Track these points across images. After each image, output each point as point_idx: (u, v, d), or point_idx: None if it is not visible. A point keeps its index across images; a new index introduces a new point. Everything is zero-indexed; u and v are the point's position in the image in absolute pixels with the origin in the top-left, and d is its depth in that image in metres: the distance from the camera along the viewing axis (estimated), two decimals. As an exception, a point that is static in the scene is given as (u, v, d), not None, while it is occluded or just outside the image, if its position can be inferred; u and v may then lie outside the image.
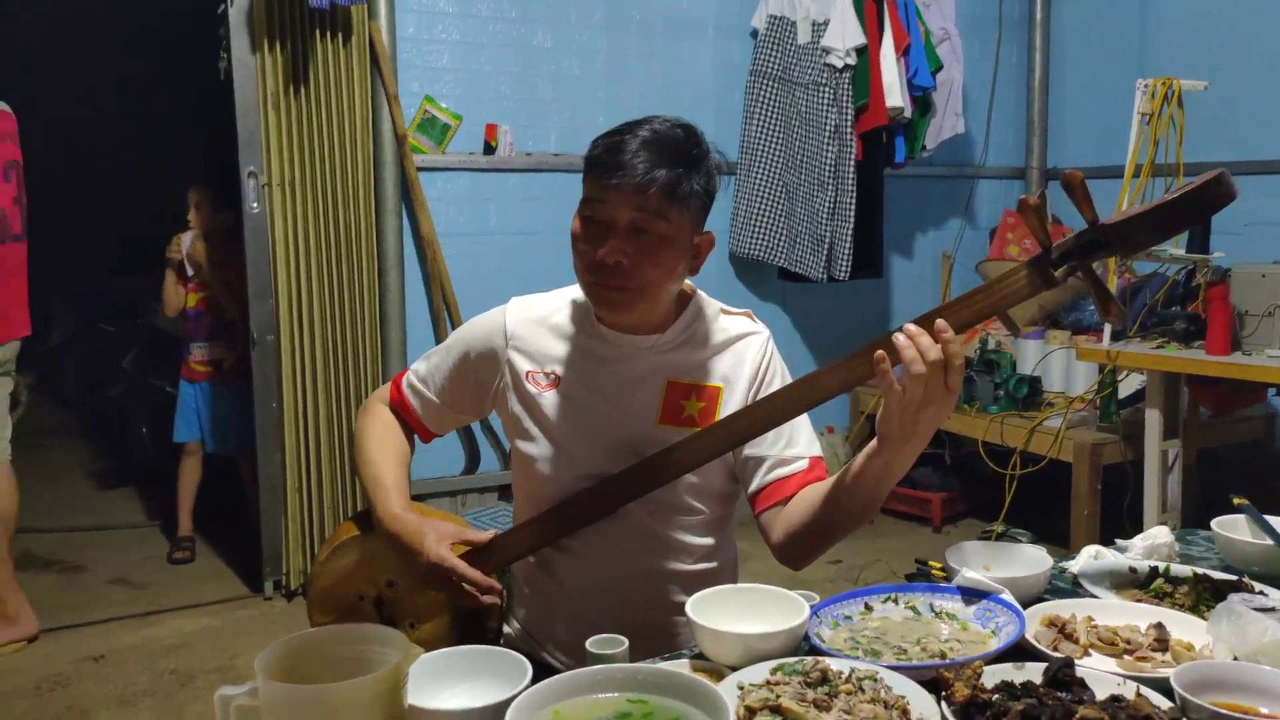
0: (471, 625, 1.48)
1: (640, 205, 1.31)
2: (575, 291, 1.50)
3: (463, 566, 1.37)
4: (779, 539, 1.39)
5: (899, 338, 1.13)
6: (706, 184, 1.36)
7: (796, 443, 1.43)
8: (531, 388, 1.47)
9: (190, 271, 3.83)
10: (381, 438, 1.56)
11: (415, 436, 1.61)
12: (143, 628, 3.25)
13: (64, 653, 3.06)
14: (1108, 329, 3.30)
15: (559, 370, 1.47)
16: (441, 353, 1.57)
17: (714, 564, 1.50)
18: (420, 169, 3.58)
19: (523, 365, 1.48)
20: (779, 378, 1.47)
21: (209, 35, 3.59)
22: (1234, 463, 3.77)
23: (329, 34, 3.29)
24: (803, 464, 1.42)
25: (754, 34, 4.13)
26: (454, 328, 3.65)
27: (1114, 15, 4.42)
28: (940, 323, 1.12)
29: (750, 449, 1.42)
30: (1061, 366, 3.94)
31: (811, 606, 1.18)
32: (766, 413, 1.30)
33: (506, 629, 1.59)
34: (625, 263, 1.32)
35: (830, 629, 1.20)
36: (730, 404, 1.43)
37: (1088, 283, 1.12)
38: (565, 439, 1.45)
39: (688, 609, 1.16)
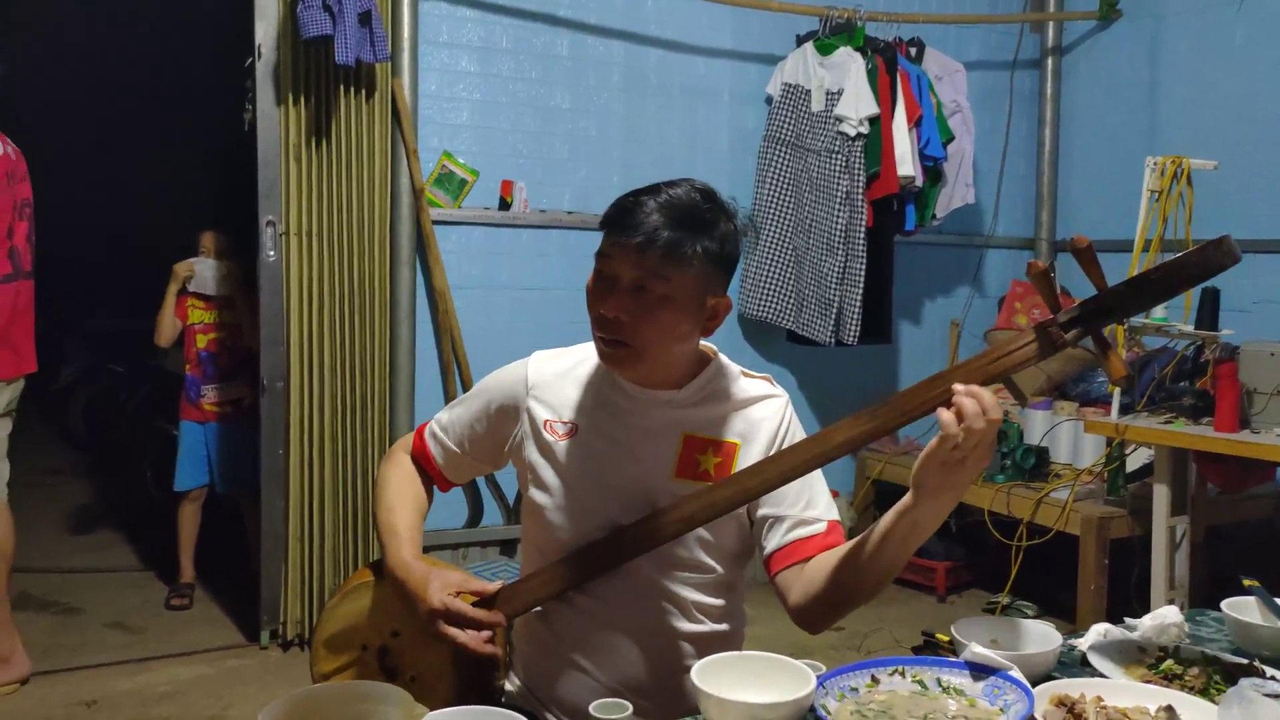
0: (475, 681, 1.47)
1: (639, 264, 1.35)
2: None
3: (465, 607, 1.37)
4: (797, 601, 1.38)
5: (959, 387, 1.18)
6: (719, 247, 1.38)
7: (816, 505, 1.43)
8: (549, 436, 1.48)
9: (204, 303, 3.81)
10: (400, 486, 1.58)
11: (435, 486, 1.63)
12: (137, 674, 3.22)
13: (57, 696, 3.03)
14: (1115, 402, 3.30)
15: (577, 419, 1.48)
16: (464, 403, 1.59)
17: (725, 626, 1.49)
18: (436, 222, 3.62)
19: (541, 414, 1.50)
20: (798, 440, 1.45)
21: (234, 85, 3.67)
22: (1242, 541, 3.74)
23: (352, 89, 3.35)
24: (822, 526, 1.41)
25: (768, 101, 4.20)
26: (463, 380, 3.66)
27: (1124, 93, 4.49)
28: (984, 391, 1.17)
29: (769, 508, 1.42)
30: (1069, 438, 3.92)
31: (818, 677, 1.17)
32: (781, 468, 1.31)
33: (509, 687, 1.57)
34: (624, 319, 1.35)
35: (836, 700, 1.18)
36: (747, 461, 1.42)
37: (1096, 347, 1.14)
38: (580, 487, 1.45)
39: (693, 675, 1.15)
